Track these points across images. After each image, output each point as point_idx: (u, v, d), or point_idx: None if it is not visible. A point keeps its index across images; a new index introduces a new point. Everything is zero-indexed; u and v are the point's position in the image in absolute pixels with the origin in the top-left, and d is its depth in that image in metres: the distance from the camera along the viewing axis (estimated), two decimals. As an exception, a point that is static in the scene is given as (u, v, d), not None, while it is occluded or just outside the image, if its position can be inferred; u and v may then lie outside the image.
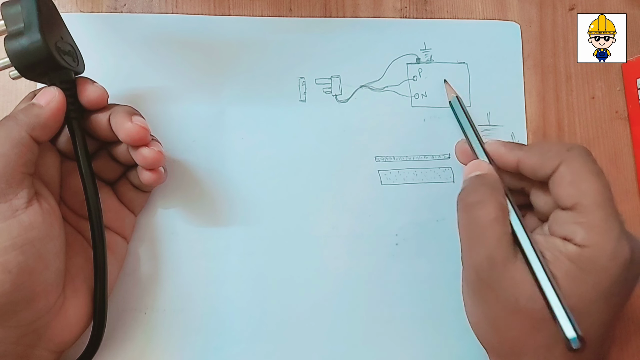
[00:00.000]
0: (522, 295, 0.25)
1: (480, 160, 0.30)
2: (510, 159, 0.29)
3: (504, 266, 0.26)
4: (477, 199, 0.27)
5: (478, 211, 0.27)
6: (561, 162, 0.27)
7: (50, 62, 0.27)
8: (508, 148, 0.29)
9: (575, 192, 0.26)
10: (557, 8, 0.37)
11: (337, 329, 0.32)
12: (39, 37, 0.26)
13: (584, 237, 0.25)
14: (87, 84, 0.28)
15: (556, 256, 0.25)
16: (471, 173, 0.29)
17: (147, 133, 0.28)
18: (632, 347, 0.34)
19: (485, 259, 0.26)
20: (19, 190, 0.25)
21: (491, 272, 0.26)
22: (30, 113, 0.27)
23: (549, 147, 0.28)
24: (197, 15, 0.35)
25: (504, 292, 0.26)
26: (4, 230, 0.24)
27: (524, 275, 0.25)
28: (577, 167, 0.26)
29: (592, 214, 0.25)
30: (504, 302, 0.26)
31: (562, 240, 0.26)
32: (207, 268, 0.32)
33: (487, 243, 0.26)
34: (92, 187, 0.28)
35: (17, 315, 0.25)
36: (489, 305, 0.26)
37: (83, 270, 0.29)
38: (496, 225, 0.26)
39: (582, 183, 0.26)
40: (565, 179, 0.26)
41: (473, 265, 0.27)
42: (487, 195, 0.27)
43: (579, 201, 0.25)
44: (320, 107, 0.34)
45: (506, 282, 0.25)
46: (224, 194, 0.33)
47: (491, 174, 0.29)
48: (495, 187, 0.28)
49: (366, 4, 0.36)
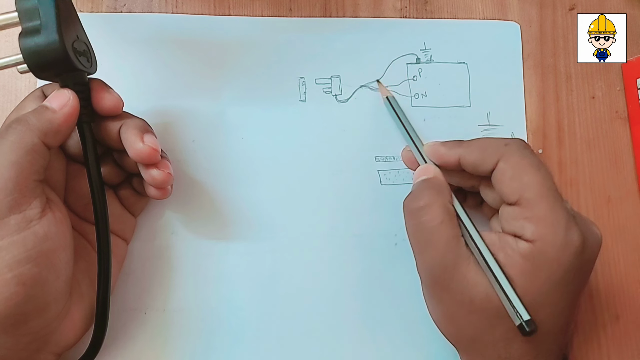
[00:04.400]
0: (477, 296, 0.25)
1: (428, 165, 0.30)
2: (450, 158, 0.29)
3: (455, 269, 0.26)
4: (422, 204, 0.27)
5: (424, 216, 0.27)
6: (500, 157, 0.27)
7: (66, 64, 0.26)
8: (448, 147, 0.29)
9: (517, 187, 0.26)
10: (557, 8, 0.37)
11: (336, 329, 0.32)
12: (57, 37, 0.25)
13: (532, 232, 0.25)
14: (103, 91, 0.28)
15: (509, 255, 0.25)
16: (418, 178, 0.29)
17: (158, 154, 0.28)
18: (632, 347, 0.34)
19: (436, 262, 0.26)
20: (32, 200, 0.25)
21: (444, 275, 0.26)
22: (43, 117, 0.26)
23: (487, 143, 0.28)
24: (197, 15, 0.35)
25: (459, 293, 0.26)
26: (19, 242, 0.24)
27: (477, 275, 0.26)
28: (515, 161, 0.26)
29: (537, 207, 0.25)
30: (459, 302, 0.26)
31: (514, 237, 0.26)
32: (207, 268, 0.32)
33: (436, 247, 0.26)
34: (100, 194, 0.28)
35: (27, 324, 0.25)
36: (446, 305, 0.27)
37: (88, 274, 0.29)
38: (443, 228, 0.26)
39: (523, 177, 0.26)
40: (506, 174, 0.26)
41: (426, 269, 0.27)
42: (432, 199, 0.27)
43: (522, 195, 0.26)
44: (320, 107, 0.34)
45: (460, 283, 0.26)
46: (224, 194, 0.33)
47: (436, 177, 0.29)
48: (440, 190, 0.28)
49: (366, 4, 0.36)
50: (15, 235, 0.24)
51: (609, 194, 0.35)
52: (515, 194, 0.26)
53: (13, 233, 0.24)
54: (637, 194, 0.35)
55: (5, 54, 0.26)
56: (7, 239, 0.24)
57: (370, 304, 0.32)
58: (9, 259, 0.23)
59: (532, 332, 0.24)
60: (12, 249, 0.24)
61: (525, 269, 0.25)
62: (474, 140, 0.29)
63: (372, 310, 0.32)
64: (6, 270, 0.23)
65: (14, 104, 0.28)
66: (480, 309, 0.26)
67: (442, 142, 0.30)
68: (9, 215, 0.24)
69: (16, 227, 0.24)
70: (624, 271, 0.34)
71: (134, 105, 0.30)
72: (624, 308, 0.34)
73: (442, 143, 0.30)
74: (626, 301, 0.34)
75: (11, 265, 0.23)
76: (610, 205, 0.35)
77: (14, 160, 0.24)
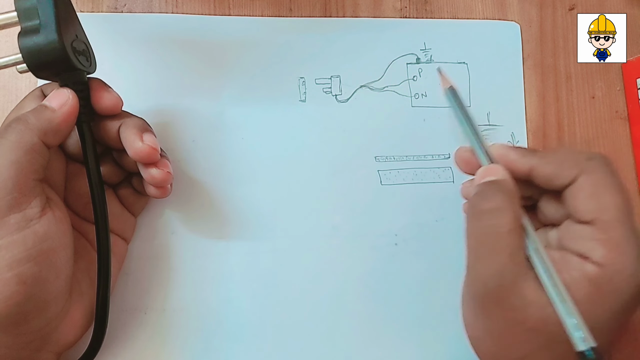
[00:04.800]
0: (532, 315, 0.23)
1: (496, 166, 0.27)
2: (522, 167, 0.26)
3: (514, 284, 0.24)
4: (492, 206, 0.25)
5: (493, 220, 0.25)
6: (580, 172, 0.25)
7: (65, 63, 0.26)
8: (520, 154, 0.27)
9: (595, 207, 0.24)
10: (557, 8, 0.37)
11: (337, 329, 0.32)
12: (56, 37, 0.25)
13: (603, 255, 0.23)
14: (102, 90, 0.28)
15: (574, 277, 0.23)
16: (485, 178, 0.27)
17: (157, 153, 0.28)
18: (633, 347, 0.34)
19: (495, 273, 0.24)
20: (32, 199, 0.25)
21: (500, 288, 0.24)
22: (42, 117, 0.26)
23: (567, 155, 0.26)
24: (197, 15, 0.35)
25: (512, 311, 0.24)
26: (19, 241, 0.24)
27: (536, 295, 0.23)
28: (597, 179, 0.24)
29: (613, 231, 0.23)
30: (511, 320, 0.24)
31: (579, 258, 0.24)
32: (207, 268, 0.32)
33: (499, 256, 0.24)
34: (100, 194, 0.28)
35: (28, 323, 0.25)
36: (493, 321, 0.25)
37: (87, 273, 0.29)
38: (511, 237, 0.24)
39: (603, 197, 0.24)
40: (585, 191, 0.24)
41: (480, 278, 0.25)
42: (505, 204, 0.25)
43: (599, 216, 0.24)
44: (320, 107, 0.34)
45: (515, 300, 0.24)
46: (224, 194, 0.33)
47: (508, 180, 0.26)
48: (512, 195, 0.26)
49: (366, 4, 0.36)
50: (15, 234, 0.24)
51: (609, 194, 0.35)
52: (591, 213, 0.24)
53: (13, 232, 0.24)
54: (637, 193, 0.35)
55: (5, 53, 0.26)
56: (7, 238, 0.24)
57: (371, 304, 0.32)
58: (8, 258, 0.23)
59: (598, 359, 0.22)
60: (12, 248, 0.24)
61: (589, 293, 0.23)
62: (551, 151, 0.27)
63: (372, 310, 0.32)
64: (6, 270, 0.23)
65: (14, 104, 0.28)
66: (534, 329, 0.23)
67: (513, 147, 0.27)
68: (9, 215, 0.24)
69: (16, 226, 0.24)
70: None
71: (133, 105, 0.30)
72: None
73: (513, 148, 0.27)
74: (626, 301, 0.34)
75: (11, 264, 0.23)
76: (611, 205, 0.35)
77: (14, 159, 0.24)
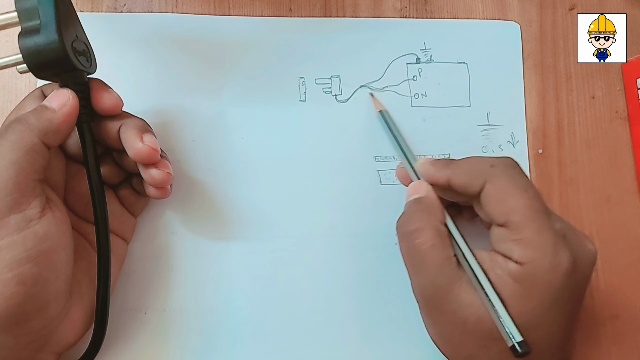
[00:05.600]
0: (470, 317, 0.25)
1: (420, 182, 0.30)
2: (440, 179, 0.28)
3: (448, 290, 0.26)
4: (413, 228, 0.27)
5: (415, 239, 0.27)
6: (486, 180, 0.26)
7: (66, 63, 0.26)
8: (437, 168, 0.29)
9: (504, 210, 0.26)
10: (557, 8, 0.37)
11: (337, 329, 0.32)
12: (56, 37, 0.25)
13: (520, 254, 0.25)
14: (103, 91, 0.28)
15: (500, 275, 0.25)
16: (411, 196, 0.29)
17: (157, 154, 0.28)
18: (632, 347, 0.34)
19: (428, 284, 0.26)
20: (32, 200, 0.25)
21: (436, 296, 0.26)
22: (42, 117, 0.26)
23: (474, 165, 0.28)
24: (197, 15, 0.35)
25: (452, 314, 0.26)
26: (19, 242, 0.24)
27: (470, 297, 0.25)
28: (501, 184, 0.26)
29: (524, 230, 0.25)
30: (453, 323, 0.26)
31: (503, 257, 0.26)
32: (207, 268, 0.32)
33: (428, 270, 0.26)
34: (100, 194, 0.28)
35: (28, 324, 0.25)
36: (440, 326, 0.27)
37: (88, 273, 0.29)
38: (435, 251, 0.26)
39: (509, 200, 0.26)
40: (492, 197, 0.26)
41: (419, 291, 0.27)
42: (424, 222, 0.27)
43: (509, 218, 0.25)
44: (320, 107, 0.34)
45: (453, 304, 0.26)
46: (224, 194, 0.33)
47: (428, 196, 0.29)
48: (431, 211, 0.28)
49: (366, 4, 0.36)
50: (15, 234, 0.24)
51: (608, 194, 0.35)
52: (502, 217, 0.26)
53: (13, 233, 0.24)
54: (637, 193, 0.35)
55: (5, 53, 0.26)
56: (7, 238, 0.24)
57: (370, 304, 0.32)
58: (8, 258, 0.23)
59: (524, 353, 0.24)
60: (12, 249, 0.24)
61: (516, 291, 0.25)
62: (462, 161, 0.28)
63: (372, 310, 0.32)
64: (6, 270, 0.23)
65: (14, 104, 0.28)
66: (474, 330, 0.25)
67: (432, 161, 0.29)
68: (9, 215, 0.24)
69: (16, 227, 0.24)
70: (624, 271, 0.34)
71: (133, 105, 0.30)
72: (624, 308, 0.34)
73: (432, 162, 0.29)
74: (625, 301, 0.34)
75: (11, 264, 0.23)
76: (610, 204, 0.35)
77: (14, 159, 0.24)
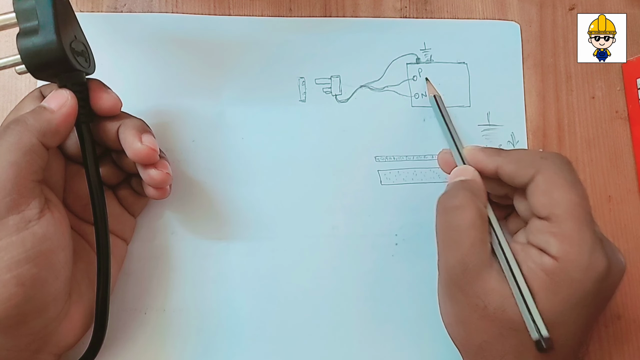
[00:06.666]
0: (491, 303, 0.25)
1: (467, 166, 0.30)
2: (489, 166, 0.29)
3: (476, 273, 0.26)
4: (456, 203, 0.27)
5: (456, 215, 0.27)
6: (537, 171, 0.26)
7: (64, 64, 0.25)
8: (487, 154, 0.29)
9: (548, 202, 0.26)
10: (557, 8, 0.37)
11: (337, 329, 0.32)
12: (54, 38, 0.25)
13: (557, 249, 0.25)
14: (101, 91, 0.28)
15: (532, 268, 0.25)
16: (455, 178, 0.29)
17: (156, 154, 0.28)
18: (634, 347, 0.34)
19: (458, 262, 0.26)
20: (31, 200, 0.24)
21: (463, 276, 0.26)
22: (41, 118, 0.25)
23: (525, 155, 0.28)
24: (197, 15, 0.35)
25: (474, 297, 0.26)
26: (18, 243, 0.24)
27: (496, 283, 0.26)
28: (551, 176, 0.26)
29: (565, 225, 0.25)
30: (473, 306, 0.26)
31: (538, 251, 0.26)
32: (207, 268, 0.32)
33: (461, 247, 0.26)
34: (99, 195, 0.28)
35: (27, 325, 0.25)
36: (459, 307, 0.27)
37: (87, 274, 0.29)
38: (472, 230, 0.26)
39: (555, 192, 0.26)
40: (540, 188, 0.26)
41: (446, 267, 0.27)
42: (467, 200, 0.27)
43: (552, 211, 0.25)
44: (320, 107, 0.34)
45: (477, 288, 0.26)
46: (224, 194, 0.33)
47: (475, 179, 0.29)
48: (476, 193, 0.28)
49: (366, 4, 0.36)
50: (14, 235, 0.24)
51: (609, 194, 0.35)
52: (546, 209, 0.26)
53: (12, 233, 0.24)
54: (638, 193, 0.35)
55: (4, 54, 0.26)
56: (5, 239, 0.24)
57: (371, 304, 0.32)
58: (7, 259, 0.23)
59: (548, 349, 0.24)
60: (10, 250, 0.23)
61: (546, 285, 0.25)
62: (513, 151, 0.29)
63: (373, 310, 0.32)
64: (5, 271, 0.23)
65: (14, 104, 0.28)
66: (494, 316, 0.25)
67: (481, 148, 0.30)
68: (8, 216, 0.24)
69: (15, 228, 0.24)
70: (626, 270, 0.34)
71: (133, 105, 0.30)
72: (626, 307, 0.34)
73: (482, 149, 0.29)
74: (627, 300, 0.34)
75: (10, 265, 0.23)
76: (611, 204, 0.35)
77: (13, 160, 0.24)
